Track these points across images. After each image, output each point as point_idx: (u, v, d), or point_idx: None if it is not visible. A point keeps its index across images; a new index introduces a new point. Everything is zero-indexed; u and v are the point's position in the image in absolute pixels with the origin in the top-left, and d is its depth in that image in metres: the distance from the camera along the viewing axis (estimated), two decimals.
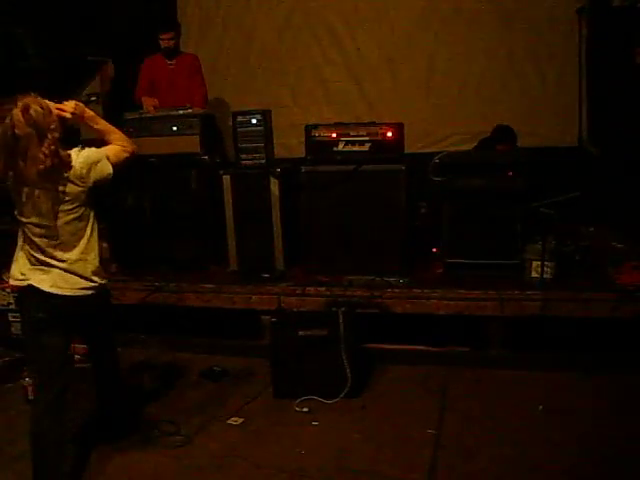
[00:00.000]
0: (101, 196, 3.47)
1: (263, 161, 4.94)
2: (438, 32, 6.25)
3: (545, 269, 4.42)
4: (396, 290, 4.55)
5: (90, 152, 3.19)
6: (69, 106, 3.22)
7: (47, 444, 3.08)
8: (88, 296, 3.18)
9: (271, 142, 5.05)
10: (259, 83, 6.70)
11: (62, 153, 3.04)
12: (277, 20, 6.66)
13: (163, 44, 5.71)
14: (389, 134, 4.71)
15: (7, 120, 2.99)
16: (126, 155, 3.33)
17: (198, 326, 4.94)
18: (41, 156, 2.95)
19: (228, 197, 5.00)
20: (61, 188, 3.06)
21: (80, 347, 4.76)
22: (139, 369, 4.62)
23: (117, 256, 5.41)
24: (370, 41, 6.46)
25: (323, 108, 6.54)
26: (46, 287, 3.09)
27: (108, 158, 3.22)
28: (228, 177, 5.00)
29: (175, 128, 5.22)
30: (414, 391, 4.11)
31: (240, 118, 4.96)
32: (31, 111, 2.97)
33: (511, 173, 4.62)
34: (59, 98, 3.24)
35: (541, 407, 3.79)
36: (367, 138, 4.74)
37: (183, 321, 4.97)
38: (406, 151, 4.85)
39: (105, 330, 3.51)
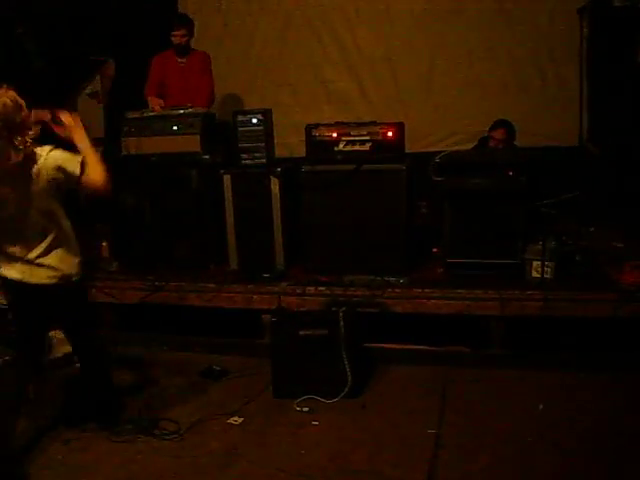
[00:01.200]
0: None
1: (264, 160, 4.94)
2: (439, 31, 6.26)
3: (545, 269, 4.42)
4: (396, 290, 4.55)
5: (63, 155, 3.19)
6: (63, 115, 3.28)
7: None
8: (53, 285, 3.30)
9: (272, 141, 5.05)
10: (260, 82, 6.70)
11: (30, 149, 3.10)
12: (278, 19, 6.67)
13: (175, 40, 5.65)
14: (390, 134, 4.71)
15: None
16: (95, 186, 3.24)
17: (198, 325, 4.95)
18: (11, 151, 3.04)
19: (228, 196, 5.01)
20: (27, 185, 3.13)
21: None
22: (139, 368, 4.63)
23: (117, 255, 5.42)
24: (371, 40, 6.46)
25: (324, 107, 6.55)
26: (17, 277, 3.27)
27: (82, 166, 3.19)
28: (229, 176, 5.00)
29: (176, 127, 5.21)
30: (414, 391, 4.11)
31: (241, 117, 4.96)
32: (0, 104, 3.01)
33: (512, 173, 4.62)
34: (58, 97, 3.28)
35: (541, 406, 3.79)
36: (368, 138, 4.73)
37: (183, 320, 4.97)
38: (407, 151, 4.84)
39: (80, 324, 3.61)
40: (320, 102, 6.59)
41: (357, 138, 4.76)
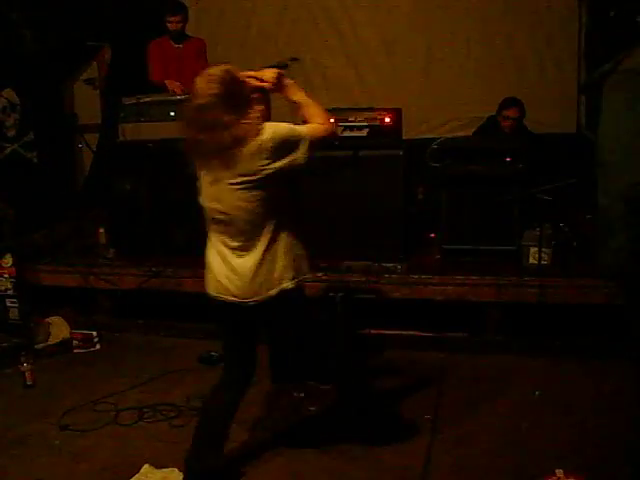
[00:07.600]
0: (99, 181, 3.46)
1: None
2: (437, 17, 6.23)
3: (542, 255, 4.42)
4: (394, 276, 4.56)
5: (278, 127, 2.87)
6: (268, 76, 3.02)
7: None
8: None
9: None
10: (257, 68, 6.65)
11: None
12: (275, 5, 6.63)
13: (171, 27, 5.66)
14: (387, 119, 4.70)
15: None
16: (323, 135, 2.99)
17: (196, 311, 4.94)
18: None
19: None
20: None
21: (78, 333, 4.81)
22: (138, 355, 4.64)
23: (115, 241, 5.41)
24: (368, 26, 6.43)
25: (321, 93, 6.50)
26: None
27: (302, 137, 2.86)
28: None
29: (173, 113, 5.19)
30: (411, 376, 4.12)
31: None
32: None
33: (509, 159, 4.62)
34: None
35: (538, 392, 3.80)
36: (365, 123, 4.73)
37: (181, 306, 4.97)
38: (404, 137, 4.84)
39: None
40: (317, 88, 6.54)
41: (354, 124, 4.75)
